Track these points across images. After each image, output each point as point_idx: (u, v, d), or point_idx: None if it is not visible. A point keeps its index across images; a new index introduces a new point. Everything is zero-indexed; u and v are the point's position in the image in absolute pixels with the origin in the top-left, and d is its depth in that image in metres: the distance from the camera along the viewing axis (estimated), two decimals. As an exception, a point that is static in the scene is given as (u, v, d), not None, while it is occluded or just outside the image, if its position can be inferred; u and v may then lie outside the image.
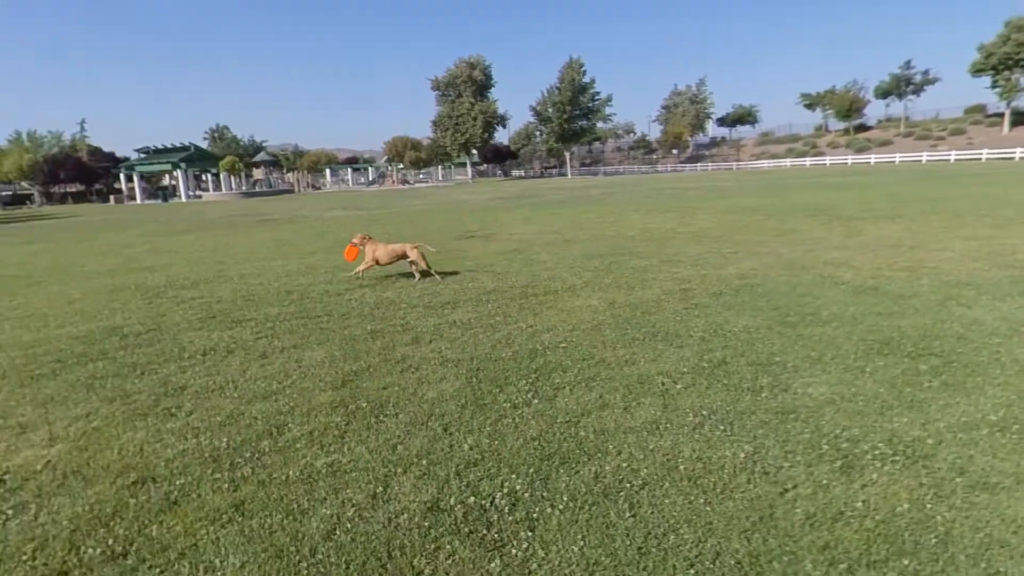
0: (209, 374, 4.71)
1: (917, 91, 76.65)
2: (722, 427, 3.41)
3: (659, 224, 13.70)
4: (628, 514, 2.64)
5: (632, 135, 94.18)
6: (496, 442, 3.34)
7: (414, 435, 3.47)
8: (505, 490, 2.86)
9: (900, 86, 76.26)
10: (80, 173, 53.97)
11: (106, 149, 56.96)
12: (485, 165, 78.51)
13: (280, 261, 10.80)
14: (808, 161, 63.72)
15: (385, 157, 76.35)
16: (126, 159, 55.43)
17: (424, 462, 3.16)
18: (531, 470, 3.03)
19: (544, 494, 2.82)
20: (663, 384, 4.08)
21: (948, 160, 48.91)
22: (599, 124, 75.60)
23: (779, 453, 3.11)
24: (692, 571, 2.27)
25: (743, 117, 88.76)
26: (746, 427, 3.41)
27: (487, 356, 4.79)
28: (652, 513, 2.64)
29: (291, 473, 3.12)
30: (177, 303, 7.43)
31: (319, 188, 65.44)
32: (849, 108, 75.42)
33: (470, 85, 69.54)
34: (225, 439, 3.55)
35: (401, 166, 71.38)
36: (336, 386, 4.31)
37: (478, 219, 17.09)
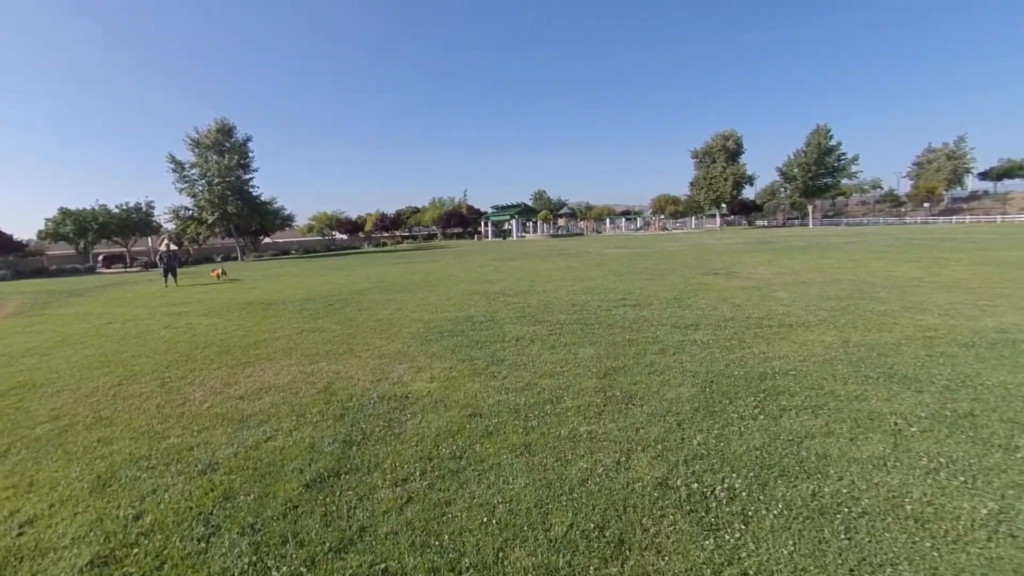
0: (518, 354, 5.26)
1: None
2: (962, 478, 2.49)
3: (903, 272, 10.44)
4: (843, 536, 2.11)
5: (879, 190, 73.40)
6: (722, 444, 2.99)
7: (653, 424, 3.33)
8: (725, 485, 2.55)
9: None
10: (461, 221, 66.35)
11: (475, 205, 68.58)
12: (732, 216, 70.93)
13: (569, 282, 11.33)
14: (1105, 214, 40.53)
15: (651, 210, 75.77)
16: (484, 212, 65.87)
17: (659, 446, 3.01)
18: (751, 474, 2.63)
19: (761, 497, 2.42)
20: (895, 424, 3.14)
21: None
22: (844, 181, 61.32)
23: (1036, 520, 2.14)
24: (913, 611, 1.71)
25: (1011, 171, 60.70)
26: (992, 484, 2.43)
27: (721, 372, 4.31)
28: (869, 542, 2.06)
29: (563, 432, 3.29)
30: (504, 305, 8.48)
31: (600, 232, 67.70)
32: None
33: (723, 153, 64.89)
34: (523, 399, 3.92)
35: (662, 216, 69.91)
36: (599, 376, 4.38)
37: (722, 260, 15.47)
